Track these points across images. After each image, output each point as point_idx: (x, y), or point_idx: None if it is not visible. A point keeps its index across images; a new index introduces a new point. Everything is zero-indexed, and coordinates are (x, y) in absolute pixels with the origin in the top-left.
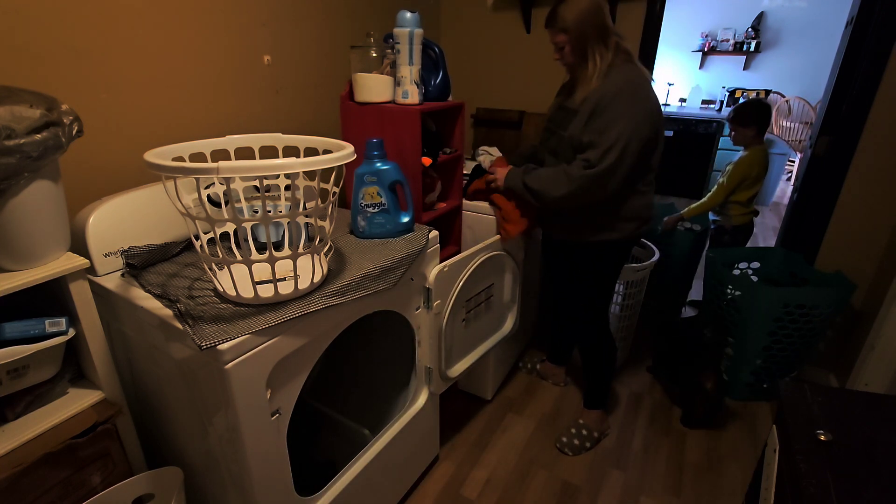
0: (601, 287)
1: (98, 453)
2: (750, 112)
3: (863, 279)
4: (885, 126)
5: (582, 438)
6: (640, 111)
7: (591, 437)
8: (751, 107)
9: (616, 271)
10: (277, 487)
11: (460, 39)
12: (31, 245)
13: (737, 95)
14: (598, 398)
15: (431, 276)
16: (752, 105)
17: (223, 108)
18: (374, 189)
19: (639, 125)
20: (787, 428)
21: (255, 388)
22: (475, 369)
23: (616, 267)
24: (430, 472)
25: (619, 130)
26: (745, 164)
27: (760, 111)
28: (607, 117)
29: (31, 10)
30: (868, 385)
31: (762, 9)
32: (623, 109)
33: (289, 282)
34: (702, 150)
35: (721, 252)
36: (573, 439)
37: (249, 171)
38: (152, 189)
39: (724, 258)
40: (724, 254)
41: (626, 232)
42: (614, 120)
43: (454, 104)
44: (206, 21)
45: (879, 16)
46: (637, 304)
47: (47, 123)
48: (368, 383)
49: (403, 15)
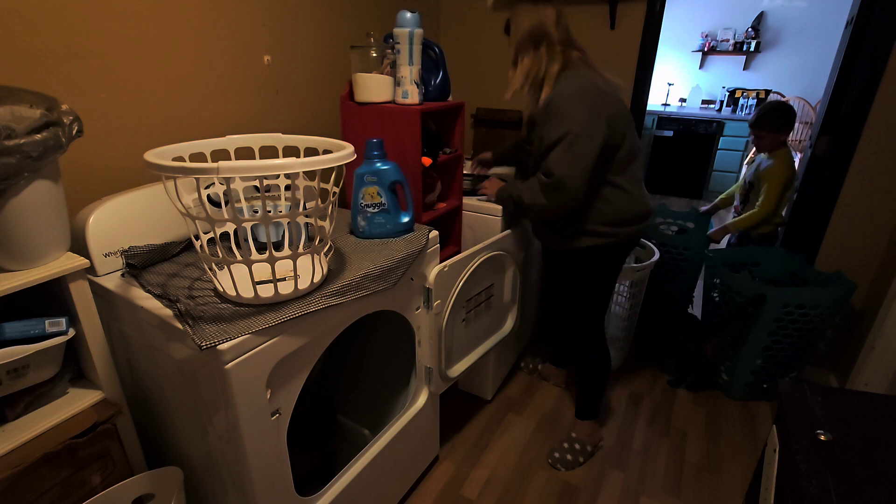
0: (593, 295)
1: (98, 453)
2: (782, 117)
3: (863, 279)
4: (885, 126)
5: (575, 453)
6: (585, 111)
7: (585, 452)
8: (781, 111)
9: (609, 278)
10: (277, 487)
11: (460, 39)
12: (31, 245)
13: (737, 95)
14: (590, 408)
15: (431, 276)
16: (782, 109)
17: (223, 108)
18: (374, 189)
19: (586, 125)
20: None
21: (255, 388)
22: (475, 369)
23: (608, 273)
24: (430, 472)
25: (563, 131)
26: (782, 168)
27: (791, 114)
28: (554, 120)
29: (32, 11)
30: (868, 385)
31: (762, 9)
32: (567, 111)
33: (289, 282)
34: (702, 150)
35: (721, 252)
36: (566, 454)
37: (249, 171)
38: (152, 189)
39: (724, 258)
40: (724, 254)
41: (613, 237)
42: (558, 123)
43: (454, 104)
44: (206, 21)
45: (879, 16)
46: (637, 304)
47: (47, 123)
48: (368, 383)
49: (403, 15)
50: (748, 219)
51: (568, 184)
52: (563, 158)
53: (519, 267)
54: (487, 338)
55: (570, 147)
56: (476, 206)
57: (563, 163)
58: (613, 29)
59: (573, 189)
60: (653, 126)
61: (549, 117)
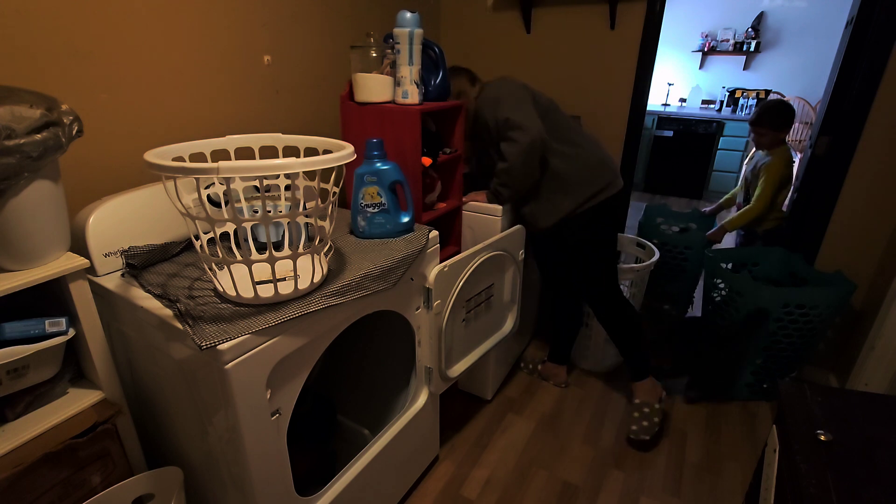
0: (600, 256)
1: (98, 453)
2: (782, 115)
3: (863, 279)
4: (885, 126)
5: (648, 417)
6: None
7: (655, 411)
8: (781, 109)
9: (607, 237)
10: (277, 487)
11: (460, 39)
12: (31, 245)
13: (737, 95)
14: (641, 367)
15: (431, 276)
16: (782, 107)
17: (223, 108)
18: (374, 189)
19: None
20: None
21: (255, 388)
22: (475, 369)
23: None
24: (430, 472)
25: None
26: (779, 166)
27: (791, 112)
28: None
29: (32, 11)
30: (868, 385)
31: (762, 9)
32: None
33: (289, 282)
34: (702, 150)
35: (721, 252)
36: (642, 422)
37: (249, 171)
38: (152, 189)
39: (724, 258)
40: (723, 254)
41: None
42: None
43: (454, 104)
44: (207, 21)
45: (879, 16)
46: (637, 303)
47: (47, 123)
48: (368, 383)
49: (403, 15)
50: (743, 216)
51: (521, 117)
52: (502, 107)
53: (519, 267)
54: (487, 338)
55: (504, 101)
56: (476, 207)
57: (503, 109)
58: (613, 29)
59: (529, 120)
60: (653, 126)
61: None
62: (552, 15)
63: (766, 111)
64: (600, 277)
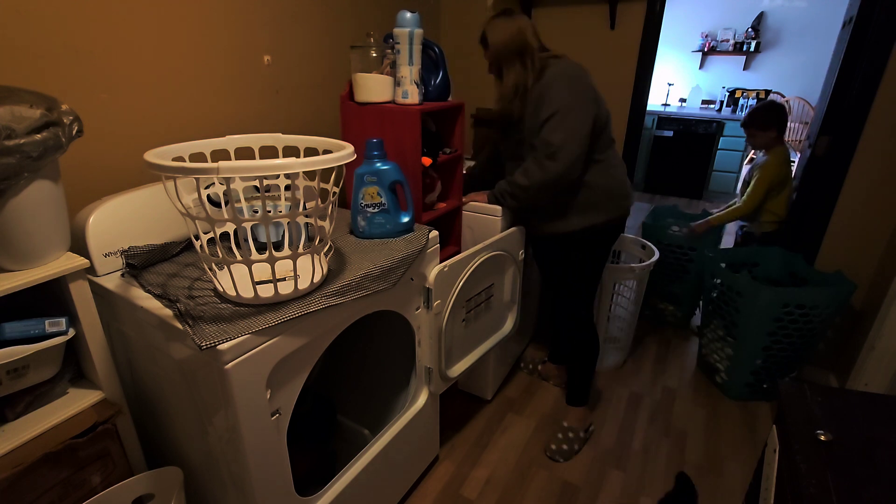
0: (582, 278)
1: (98, 453)
2: (768, 114)
3: (863, 279)
4: (885, 126)
5: (570, 442)
6: (572, 88)
7: (579, 438)
8: (768, 109)
9: (597, 261)
10: (277, 487)
11: (460, 39)
12: (31, 245)
13: (737, 95)
14: (581, 394)
15: (431, 276)
16: (769, 107)
17: (223, 108)
18: (374, 189)
19: (576, 99)
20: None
21: (255, 388)
22: (475, 369)
23: (596, 256)
24: (430, 472)
25: (554, 108)
26: (772, 167)
27: (778, 112)
28: (545, 102)
29: (32, 10)
30: (868, 385)
31: (762, 9)
32: (556, 91)
33: (289, 282)
34: (702, 150)
35: (721, 252)
36: (562, 445)
37: (249, 171)
38: (152, 189)
39: (724, 258)
40: (724, 254)
41: (603, 214)
42: (549, 103)
43: (454, 104)
44: (207, 21)
45: (879, 16)
46: (638, 303)
47: (47, 123)
48: (368, 383)
49: (403, 15)
50: (731, 213)
51: (566, 152)
52: (558, 128)
53: (519, 267)
54: (487, 338)
55: (564, 118)
56: (476, 207)
57: (558, 131)
58: (613, 29)
59: (571, 157)
60: (653, 126)
61: (541, 101)
62: (552, 15)
63: (754, 112)
64: (581, 291)
